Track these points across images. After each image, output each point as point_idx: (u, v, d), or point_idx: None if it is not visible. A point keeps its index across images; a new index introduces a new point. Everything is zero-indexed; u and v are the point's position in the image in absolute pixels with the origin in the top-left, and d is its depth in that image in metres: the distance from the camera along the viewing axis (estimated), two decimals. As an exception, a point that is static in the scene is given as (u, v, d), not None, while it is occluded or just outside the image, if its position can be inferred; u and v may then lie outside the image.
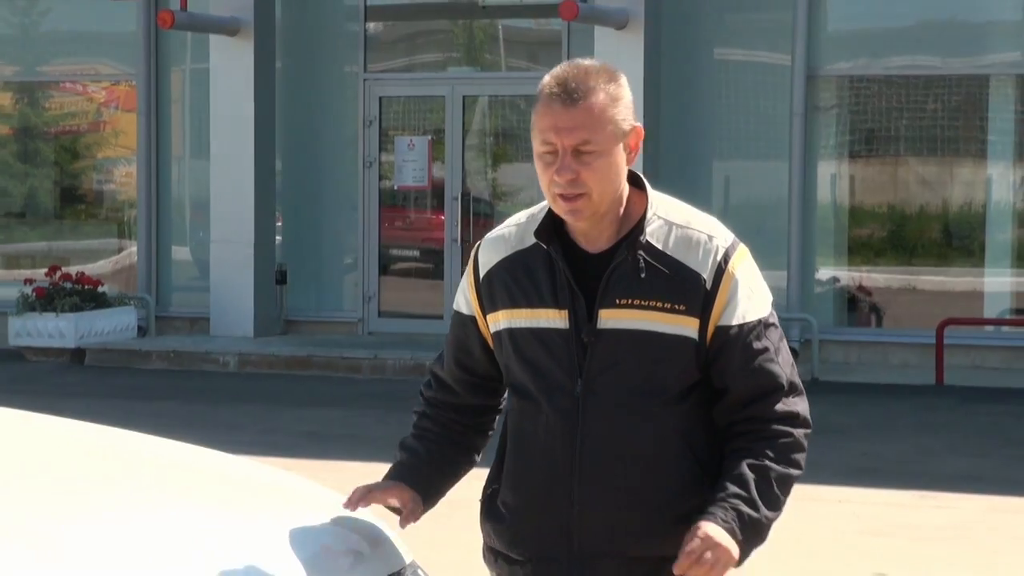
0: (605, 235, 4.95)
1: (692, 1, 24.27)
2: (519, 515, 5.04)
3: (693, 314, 4.87)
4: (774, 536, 13.52)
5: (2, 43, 28.49)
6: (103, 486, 6.01)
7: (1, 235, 28.91)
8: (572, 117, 4.81)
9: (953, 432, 18.89)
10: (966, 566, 12.56)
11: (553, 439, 4.94)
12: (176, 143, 27.22)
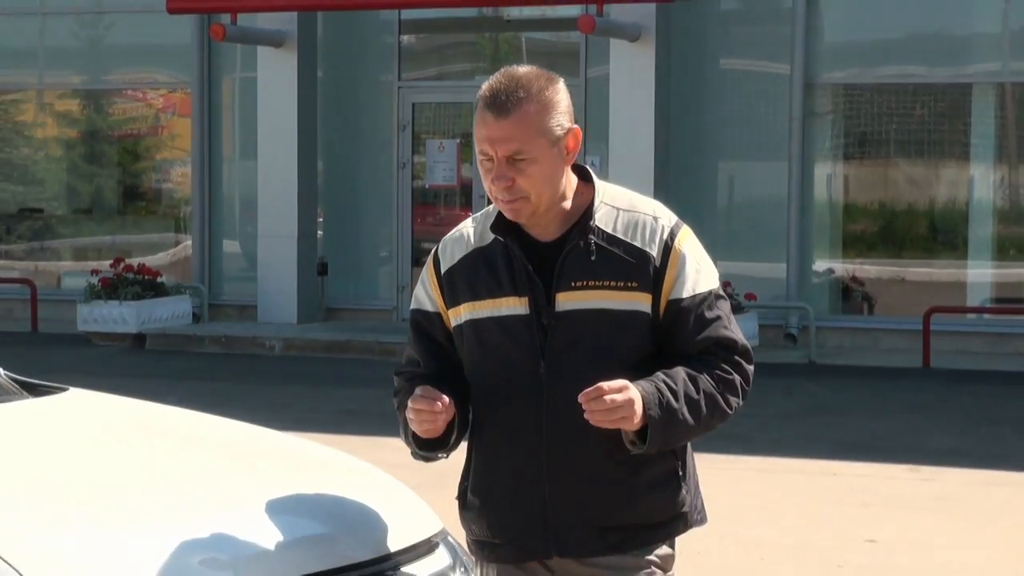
0: (553, 225, 4.94)
1: (699, 15, 24.22)
2: (494, 500, 5.01)
3: (645, 290, 4.86)
4: (779, 503, 13.60)
5: (71, 54, 28.56)
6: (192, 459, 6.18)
7: (70, 230, 28.98)
8: (503, 128, 4.80)
9: (938, 411, 18.89)
10: (950, 533, 12.56)
11: (519, 420, 4.91)
12: (227, 146, 27.24)
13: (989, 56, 23.58)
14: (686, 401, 4.73)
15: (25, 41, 28.62)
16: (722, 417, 4.89)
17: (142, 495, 5.75)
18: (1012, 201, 23.80)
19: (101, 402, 6.89)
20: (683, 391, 4.73)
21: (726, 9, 24.48)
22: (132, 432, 6.64)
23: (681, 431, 4.78)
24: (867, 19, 23.91)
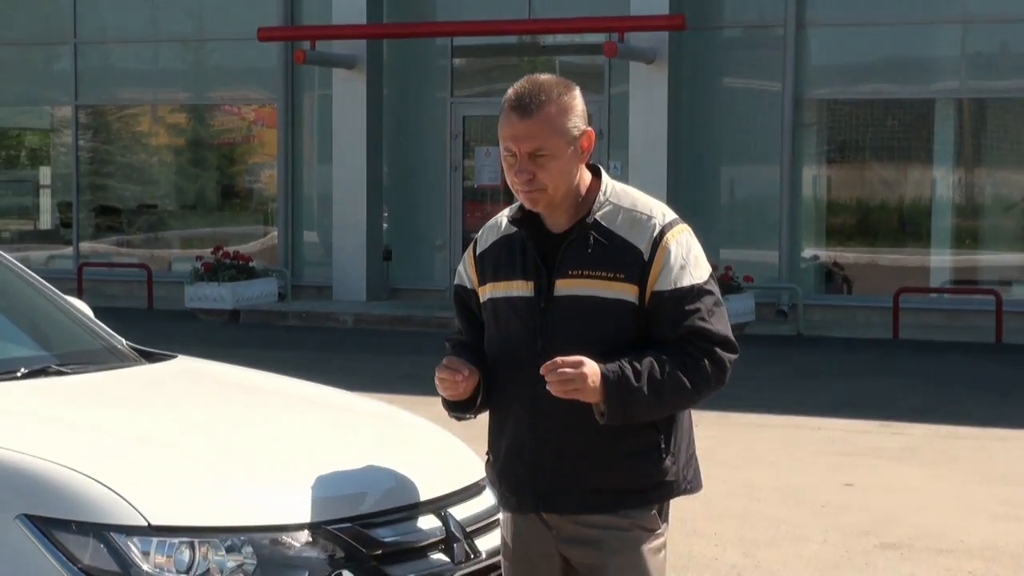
0: (564, 218, 4.89)
1: (705, 42, 24.18)
2: (501, 458, 4.99)
3: (632, 281, 4.79)
4: (772, 452, 13.56)
5: (178, 76, 28.57)
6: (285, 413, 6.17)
7: (178, 222, 29.04)
8: (527, 128, 4.78)
9: (905, 376, 18.84)
10: (916, 478, 12.56)
11: (518, 390, 4.87)
12: (307, 152, 27.25)
13: (949, 76, 23.52)
14: (648, 380, 4.66)
15: (142, 64, 28.73)
16: (688, 398, 4.77)
17: (242, 442, 5.84)
18: (968, 199, 23.76)
19: (203, 367, 6.94)
20: (646, 372, 4.66)
21: (728, 36, 24.44)
22: (229, 391, 6.68)
23: (641, 406, 4.67)
24: (847, 45, 23.88)
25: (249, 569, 4.95)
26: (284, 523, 5.07)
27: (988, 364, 19.99)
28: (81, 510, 4.86)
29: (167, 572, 4.85)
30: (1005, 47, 23.17)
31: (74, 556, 4.81)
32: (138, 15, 28.16)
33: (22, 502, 4.88)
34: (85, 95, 28.88)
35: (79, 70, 28.74)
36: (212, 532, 4.95)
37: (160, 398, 6.36)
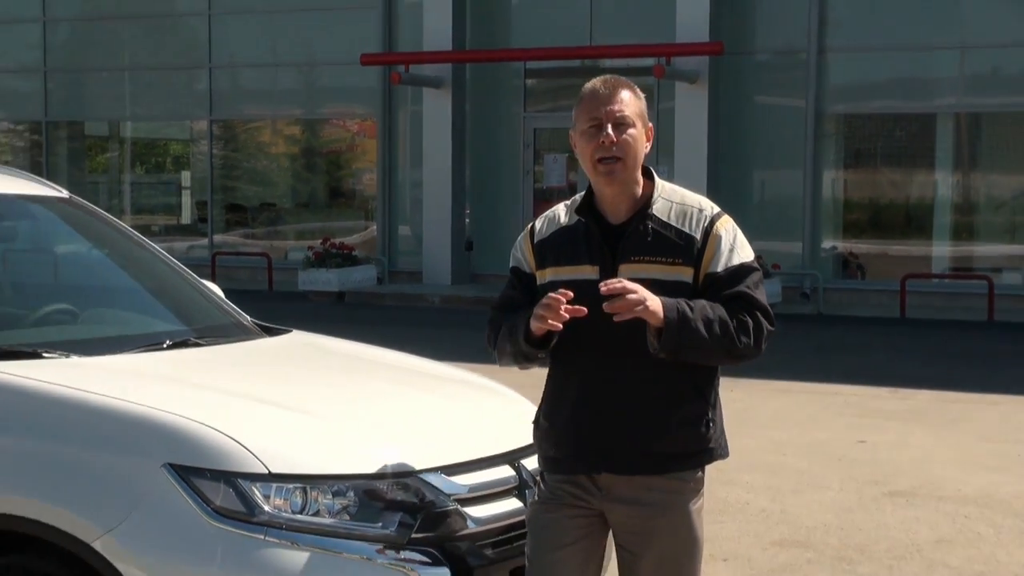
0: (624, 208, 4.79)
1: (739, 64, 24.09)
2: (560, 424, 4.83)
3: (688, 264, 4.70)
4: (796, 414, 13.52)
5: (293, 94, 28.68)
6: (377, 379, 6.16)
7: (293, 218, 29.16)
8: (612, 98, 4.74)
9: (911, 349, 18.77)
10: (920, 436, 12.52)
11: (583, 362, 4.75)
12: (401, 158, 27.28)
13: (948, 94, 23.35)
14: (702, 318, 4.55)
15: (264, 85, 28.80)
16: (731, 343, 4.61)
17: (346, 403, 5.85)
18: (964, 198, 23.63)
19: (314, 340, 6.96)
20: (700, 311, 4.56)
21: (759, 60, 24.33)
22: (336, 360, 6.70)
23: (694, 339, 4.54)
24: (860, 67, 23.74)
25: (352, 511, 4.96)
26: (382, 472, 5.07)
27: (981, 339, 19.89)
28: (214, 460, 4.90)
29: (284, 512, 4.87)
30: (996, 69, 23.04)
31: (208, 498, 4.85)
32: (260, 44, 28.26)
33: (166, 453, 4.92)
34: (218, 111, 29.03)
35: (213, 90, 28.90)
36: (321, 479, 4.97)
37: (278, 366, 6.40)
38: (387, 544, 4.96)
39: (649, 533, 4.78)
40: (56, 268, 7.09)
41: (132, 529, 4.89)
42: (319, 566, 4.86)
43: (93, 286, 7.05)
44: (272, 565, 4.83)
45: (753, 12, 24.31)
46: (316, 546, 4.88)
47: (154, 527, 4.89)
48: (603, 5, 25.20)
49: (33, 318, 6.50)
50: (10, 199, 7.00)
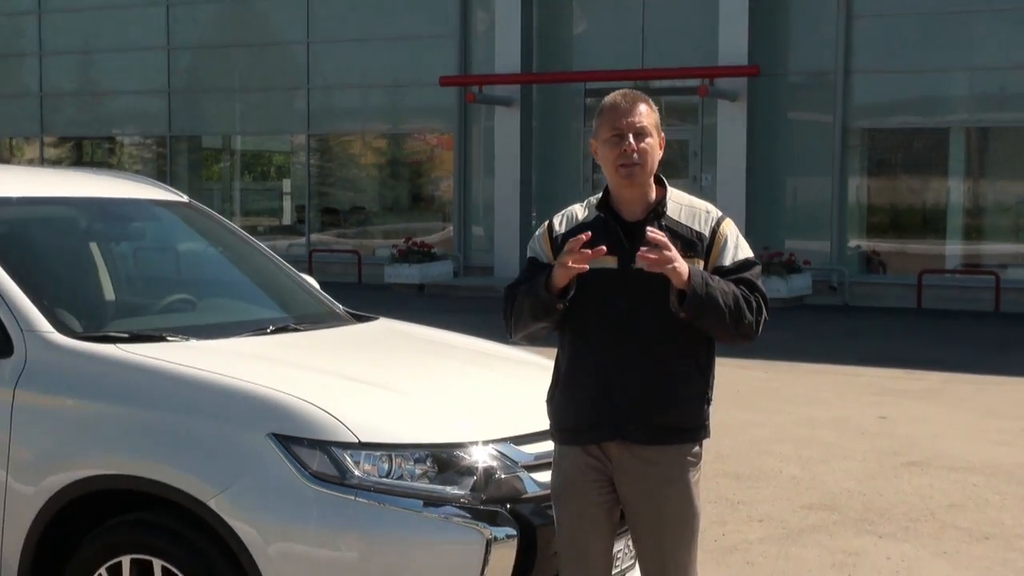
0: (639, 208, 4.78)
1: (774, 84, 23.97)
2: (578, 399, 4.79)
3: (697, 258, 4.70)
4: (824, 392, 13.47)
5: (380, 112, 28.68)
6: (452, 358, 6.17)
7: (380, 219, 29.19)
8: (632, 111, 4.72)
9: (926, 335, 18.67)
10: (933, 413, 12.45)
11: (604, 341, 4.73)
12: (475, 168, 27.29)
13: (960, 110, 23.17)
14: (719, 289, 4.57)
15: (355, 104, 28.88)
16: (741, 316, 4.60)
17: (426, 380, 5.89)
18: (974, 202, 23.43)
19: (398, 326, 6.99)
20: (718, 282, 4.58)
21: (792, 81, 24.20)
22: (417, 343, 6.71)
23: (713, 305, 4.52)
24: (882, 87, 23.57)
25: (431, 476, 4.98)
26: (457, 441, 5.10)
27: (989, 328, 19.75)
28: (312, 430, 4.94)
29: (371, 477, 4.90)
30: (1003, 88, 22.81)
31: (306, 464, 4.89)
32: (352, 68, 28.33)
33: (270, 424, 4.97)
34: (314, 127, 29.15)
35: (311, 109, 29.01)
36: (404, 448, 5.00)
37: (367, 349, 6.41)
38: (462, 505, 4.97)
39: (653, 500, 4.78)
40: (177, 263, 7.17)
41: (241, 490, 4.94)
42: (402, 524, 4.89)
43: (208, 279, 7.12)
44: (361, 523, 4.87)
45: (786, 38, 24.19)
46: (400, 506, 4.90)
47: (259, 488, 4.94)
48: (654, 32, 25.12)
49: (158, 307, 6.58)
50: (140, 203, 7.10)
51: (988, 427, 11.82)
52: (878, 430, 11.63)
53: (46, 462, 5.30)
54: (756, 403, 12.96)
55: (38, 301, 5.62)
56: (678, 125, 25.47)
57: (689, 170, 25.03)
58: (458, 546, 4.93)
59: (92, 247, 6.72)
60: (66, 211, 6.77)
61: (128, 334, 5.73)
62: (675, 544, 4.80)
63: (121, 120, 32.00)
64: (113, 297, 6.52)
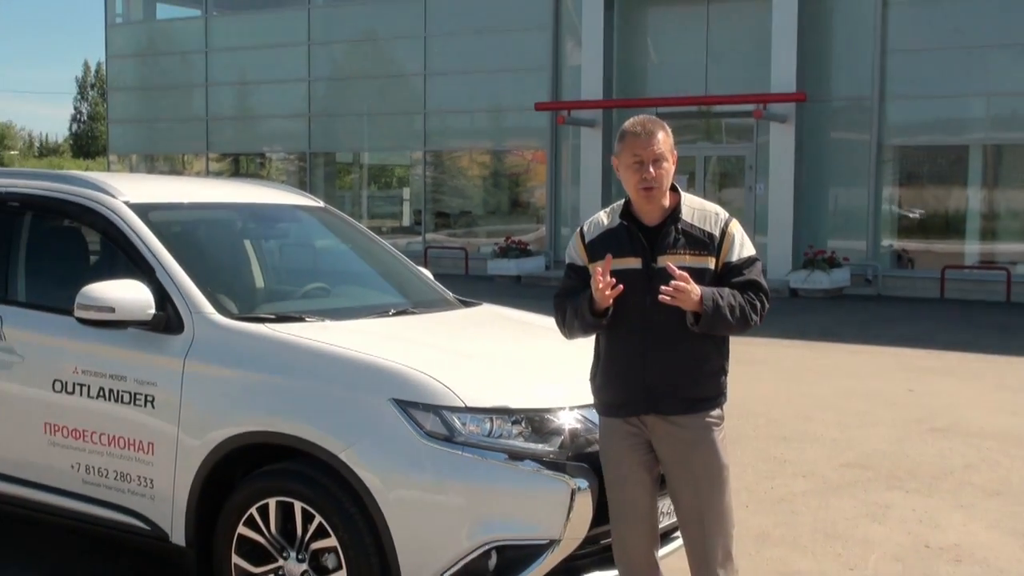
0: (656, 215, 4.79)
1: (819, 108, 23.72)
2: (614, 379, 4.82)
3: (710, 255, 4.73)
4: (861, 369, 13.32)
5: (486, 132, 28.77)
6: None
7: (484, 221, 29.23)
8: (651, 141, 4.74)
9: (948, 321, 18.42)
10: (953, 386, 12.31)
11: (633, 332, 4.74)
12: (564, 178, 27.28)
13: (978, 130, 22.78)
14: (727, 304, 4.61)
15: (463, 125, 28.97)
16: (746, 322, 4.68)
17: (520, 355, 5.90)
18: (990, 209, 23.03)
19: (499, 310, 7.00)
20: (726, 299, 4.61)
21: (834, 105, 23.91)
22: (513, 324, 6.73)
23: (721, 320, 4.59)
24: (912, 110, 23.25)
25: (525, 435, 5.00)
26: (547, 407, 5.11)
27: (1001, 315, 19.43)
28: (426, 396, 4.97)
29: (475, 435, 4.93)
30: (1014, 112, 22.44)
31: (421, 424, 4.93)
32: (461, 95, 28.44)
33: (392, 391, 5.00)
34: (430, 144, 29.26)
35: (427, 129, 29.16)
36: (502, 411, 5.02)
37: (472, 328, 6.44)
38: (551, 460, 4.99)
39: (686, 459, 4.78)
40: (315, 257, 7.23)
41: (368, 444, 4.99)
42: (501, 474, 4.91)
43: (340, 270, 7.18)
44: (466, 474, 4.90)
45: (829, 68, 23.91)
46: (499, 460, 4.92)
47: (382, 444, 4.98)
48: (715, 62, 24.95)
49: (299, 293, 6.64)
50: (284, 207, 7.20)
51: (1000, 399, 11.68)
52: (905, 401, 11.52)
53: (208, 420, 5.39)
54: (801, 377, 12.89)
55: (203, 288, 5.72)
56: (736, 142, 25.30)
57: (745, 180, 24.85)
58: (548, 494, 4.93)
59: (246, 244, 6.80)
60: (226, 214, 6.86)
61: (274, 315, 5.80)
62: (709, 493, 4.78)
63: (270, 140, 32.34)
64: (263, 285, 6.60)
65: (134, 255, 5.85)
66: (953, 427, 10.28)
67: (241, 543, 5.31)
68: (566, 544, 4.95)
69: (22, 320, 6.10)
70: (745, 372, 12.78)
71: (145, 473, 5.57)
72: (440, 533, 4.91)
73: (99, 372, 5.70)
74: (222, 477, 5.42)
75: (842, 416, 10.71)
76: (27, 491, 6.01)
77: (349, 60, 30.37)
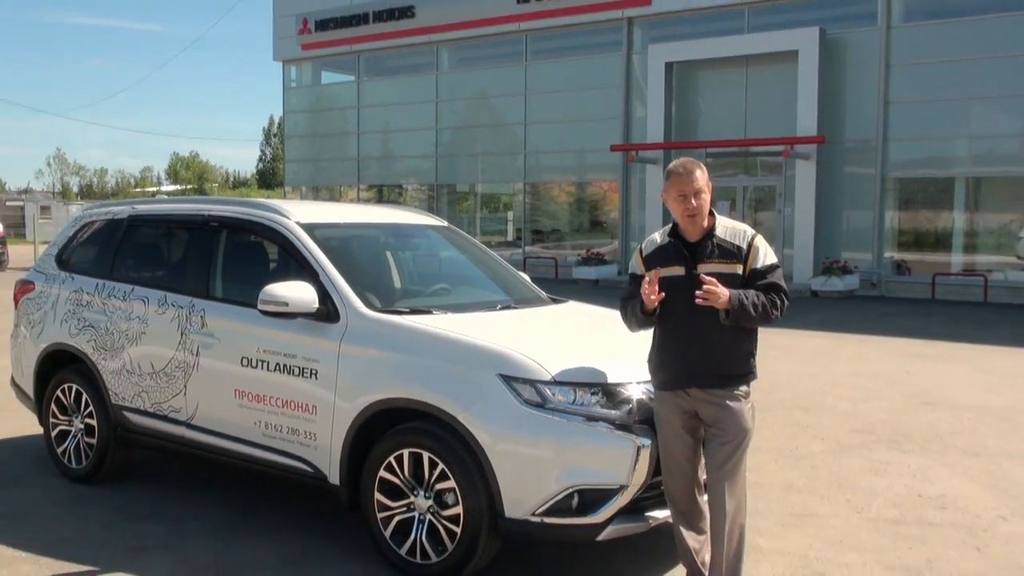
0: (697, 234, 4.80)
1: (834, 148, 23.32)
2: (665, 360, 4.82)
3: (740, 263, 4.74)
4: (866, 354, 13.04)
5: (573, 168, 28.65)
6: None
7: (569, 238, 29.06)
8: (691, 179, 4.75)
9: (937, 317, 17.97)
10: (941, 369, 12.00)
11: (679, 324, 4.76)
12: (633, 204, 27.10)
13: (961, 165, 22.21)
14: (751, 303, 4.63)
15: (555, 163, 28.87)
16: (767, 317, 4.69)
17: (598, 340, 5.82)
18: (971, 228, 22.36)
19: (581, 306, 6.95)
20: (750, 299, 4.63)
21: (847, 146, 23.45)
22: (591, 317, 6.66)
23: (747, 317, 4.63)
24: (909, 149, 22.72)
25: (601, 403, 4.97)
26: (619, 381, 5.07)
27: (980, 313, 18.90)
28: (525, 372, 4.97)
29: (562, 403, 4.91)
30: (990, 151, 21.86)
31: (520, 393, 4.93)
32: (555, 139, 28.46)
33: (498, 367, 5.01)
34: (528, 178, 29.20)
35: (526, 166, 29.16)
36: (583, 385, 4.99)
37: (560, 320, 6.39)
38: (621, 423, 4.96)
39: (720, 421, 4.77)
40: (440, 264, 7.26)
41: (479, 409, 5.00)
42: (582, 433, 4.90)
43: (459, 274, 7.19)
44: (555, 432, 4.89)
45: (843, 116, 23.44)
46: (580, 422, 4.91)
47: (490, 408, 4.98)
48: (752, 113, 24.61)
49: (427, 292, 6.65)
50: (417, 226, 7.22)
51: (978, 379, 11.36)
52: (903, 380, 11.26)
53: (358, 388, 5.44)
54: (820, 360, 12.68)
55: (355, 288, 5.78)
56: (768, 175, 24.90)
57: (776, 205, 24.49)
58: (618, 449, 4.92)
59: (387, 254, 6.85)
60: (372, 231, 6.91)
61: (408, 309, 5.82)
62: (732, 448, 4.77)
63: (406, 174, 32.58)
64: (399, 286, 6.64)
65: (302, 262, 5.94)
66: (941, 401, 10.04)
67: (382, 483, 5.35)
68: (632, 488, 4.93)
69: (219, 312, 6.23)
70: (775, 356, 12.61)
71: (310, 429, 5.64)
72: (534, 478, 4.90)
73: (276, 351, 5.80)
74: (368, 433, 5.46)
75: (852, 392, 10.52)
76: (224, 441, 6.13)
77: (467, 113, 30.50)
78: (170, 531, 6.01)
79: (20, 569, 5.37)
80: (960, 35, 21.90)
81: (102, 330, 6.83)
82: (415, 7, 30.18)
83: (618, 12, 26.46)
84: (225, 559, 5.56)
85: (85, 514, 6.30)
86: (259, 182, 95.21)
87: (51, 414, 7.19)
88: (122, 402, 6.69)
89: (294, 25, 33.09)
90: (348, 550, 5.68)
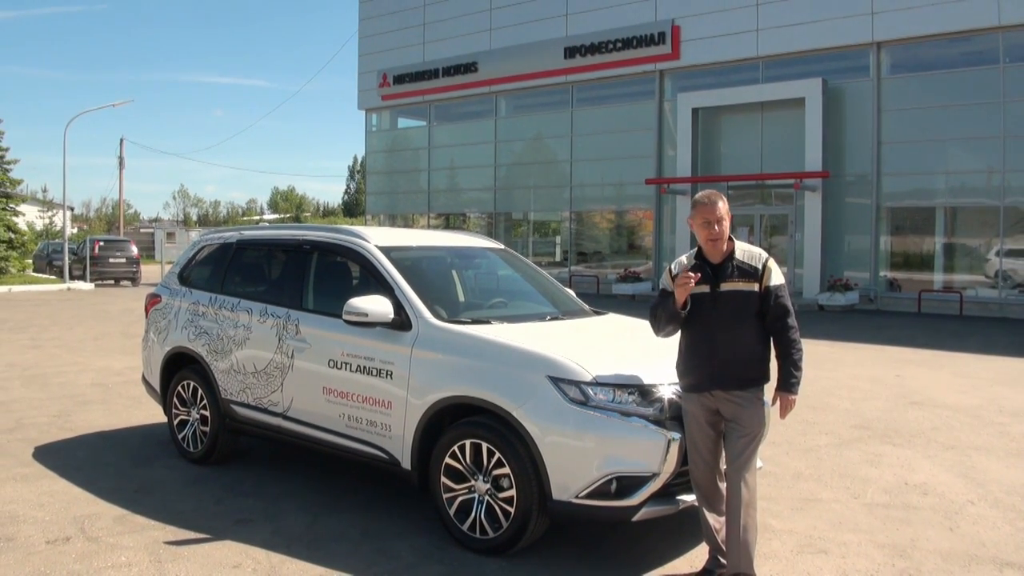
0: (719, 256, 4.72)
1: (837, 182, 22.99)
2: (692, 367, 4.74)
3: (755, 281, 4.66)
4: (863, 361, 12.71)
5: (611, 198, 28.53)
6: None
7: (609, 259, 28.92)
8: (715, 209, 4.68)
9: (922, 328, 17.59)
10: (925, 374, 11.73)
11: (703, 335, 4.70)
12: (665, 229, 26.89)
13: (941, 197, 21.80)
14: (795, 371, 4.69)
15: (596, 194, 28.76)
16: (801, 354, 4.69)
17: (633, 347, 5.69)
18: (950, 251, 21.97)
19: (619, 318, 6.85)
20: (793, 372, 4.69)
21: (847, 180, 23.12)
22: (628, 327, 6.56)
23: (799, 381, 4.71)
24: (899, 183, 22.36)
25: (636, 401, 4.89)
26: (652, 382, 4.99)
27: (956, 325, 18.46)
28: (570, 374, 4.90)
29: (603, 401, 4.84)
30: (964, 184, 21.47)
31: (566, 393, 4.87)
32: (593, 174, 28.35)
33: (547, 370, 4.96)
34: (574, 207, 29.13)
35: (572, 197, 29.10)
36: (621, 386, 4.91)
37: (601, 330, 6.30)
38: (654, 419, 4.89)
39: (739, 418, 4.71)
40: (497, 281, 7.22)
41: (531, 406, 4.95)
42: (620, 427, 4.83)
43: (514, 290, 7.15)
44: (596, 426, 4.82)
45: (844, 155, 23.11)
46: (618, 418, 4.83)
47: (540, 406, 4.92)
48: (767, 151, 24.35)
49: (487, 305, 6.61)
50: (477, 248, 7.18)
51: (955, 383, 11.07)
52: (894, 383, 11.00)
53: (427, 387, 5.40)
54: (824, 366, 12.43)
55: (425, 300, 5.76)
56: (781, 205, 24.56)
57: (788, 231, 24.20)
58: (651, 442, 4.84)
59: (452, 272, 6.81)
60: (440, 253, 6.89)
61: (471, 320, 5.78)
62: (747, 441, 4.71)
63: (469, 204, 32.64)
64: (463, 299, 6.60)
65: (380, 279, 5.93)
66: (925, 401, 9.80)
67: (447, 468, 5.31)
68: (663, 476, 4.85)
69: (310, 321, 6.24)
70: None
71: (386, 421, 5.62)
72: (578, 466, 4.83)
73: (357, 355, 5.79)
74: (435, 425, 5.42)
75: (852, 393, 10.30)
76: (313, 431, 6.13)
77: (521, 152, 30.50)
78: (268, 506, 6.02)
79: (152, 535, 5.44)
80: (937, 86, 21.67)
81: (214, 336, 6.89)
82: (478, 63, 30.31)
83: (651, 65, 26.36)
84: (313, 531, 5.56)
85: (200, 491, 6.34)
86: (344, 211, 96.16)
87: (173, 406, 7.27)
88: (230, 397, 6.73)
89: (375, 80, 33.42)
90: (418, 525, 5.65)
